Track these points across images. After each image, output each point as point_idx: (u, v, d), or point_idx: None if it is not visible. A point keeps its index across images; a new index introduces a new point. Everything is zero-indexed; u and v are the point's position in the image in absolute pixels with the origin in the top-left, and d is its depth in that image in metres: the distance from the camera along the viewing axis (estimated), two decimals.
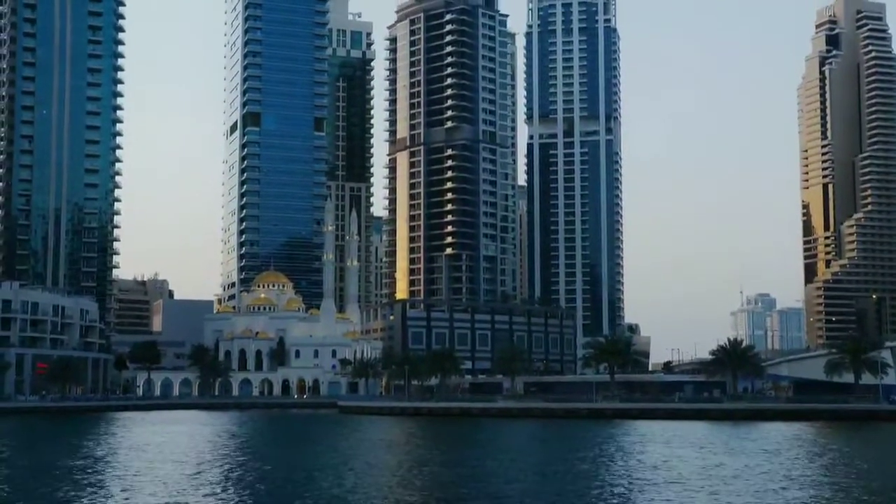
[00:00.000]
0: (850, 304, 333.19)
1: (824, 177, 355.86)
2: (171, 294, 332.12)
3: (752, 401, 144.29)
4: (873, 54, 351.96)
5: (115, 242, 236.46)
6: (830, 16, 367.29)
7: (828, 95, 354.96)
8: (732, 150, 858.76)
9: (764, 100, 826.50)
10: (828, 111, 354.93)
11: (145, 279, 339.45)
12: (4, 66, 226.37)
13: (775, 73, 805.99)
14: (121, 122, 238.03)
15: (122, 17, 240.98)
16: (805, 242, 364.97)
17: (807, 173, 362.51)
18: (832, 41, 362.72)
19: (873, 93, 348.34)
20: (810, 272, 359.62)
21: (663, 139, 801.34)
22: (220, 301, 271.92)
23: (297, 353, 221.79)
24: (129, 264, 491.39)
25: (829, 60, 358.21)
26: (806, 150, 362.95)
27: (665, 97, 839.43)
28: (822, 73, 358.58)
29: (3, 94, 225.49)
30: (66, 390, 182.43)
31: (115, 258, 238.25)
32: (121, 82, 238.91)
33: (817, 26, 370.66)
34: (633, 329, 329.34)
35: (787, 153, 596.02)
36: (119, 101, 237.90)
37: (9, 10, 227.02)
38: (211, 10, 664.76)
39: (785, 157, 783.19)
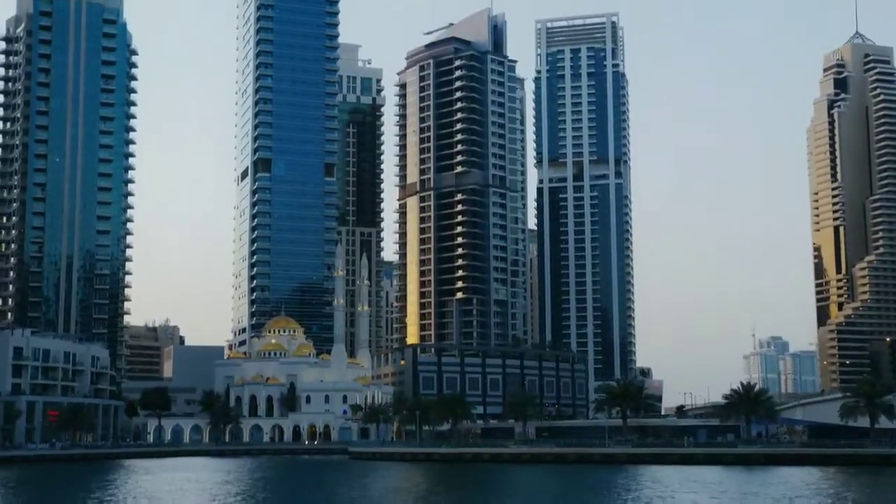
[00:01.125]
0: (864, 347, 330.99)
1: (835, 219, 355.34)
2: (181, 340, 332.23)
3: (766, 445, 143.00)
4: (881, 97, 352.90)
5: (126, 289, 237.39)
6: (838, 60, 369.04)
7: (837, 138, 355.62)
8: (742, 192, 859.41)
9: (773, 142, 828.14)
10: (837, 154, 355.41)
11: (156, 325, 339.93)
12: (18, 116, 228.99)
13: (784, 116, 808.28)
14: (133, 169, 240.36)
15: (134, 65, 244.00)
16: (817, 285, 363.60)
17: (817, 215, 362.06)
18: (840, 84, 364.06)
19: (882, 136, 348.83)
20: (823, 315, 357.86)
21: (673, 180, 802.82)
22: (231, 347, 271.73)
23: (308, 399, 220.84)
24: (141, 310, 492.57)
25: (838, 103, 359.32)
26: (816, 193, 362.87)
27: (675, 139, 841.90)
28: (830, 115, 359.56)
29: (17, 142, 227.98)
30: (77, 438, 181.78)
31: (127, 304, 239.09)
32: (133, 130, 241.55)
33: (825, 70, 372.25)
34: (645, 373, 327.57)
35: (798, 195, 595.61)
36: (131, 148, 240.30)
37: (24, 60, 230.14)
38: (222, 57, 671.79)
39: (795, 199, 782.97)
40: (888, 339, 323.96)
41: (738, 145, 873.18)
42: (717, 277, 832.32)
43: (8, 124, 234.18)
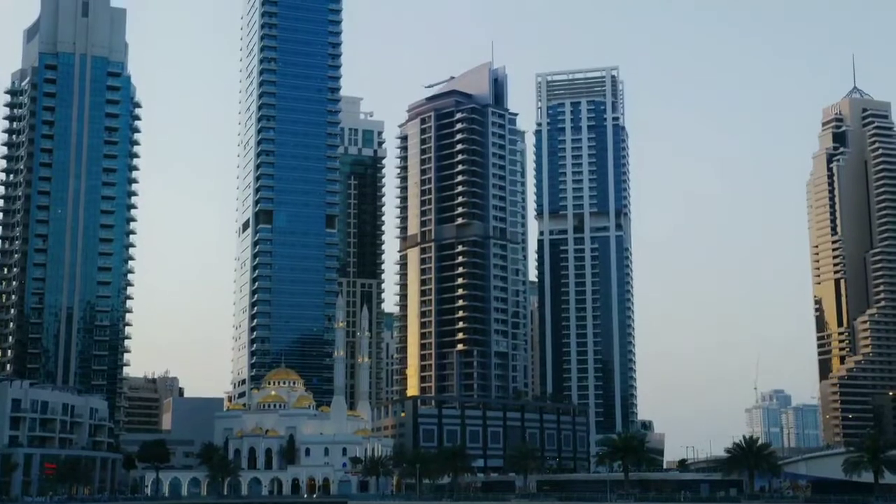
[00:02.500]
0: (867, 400, 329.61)
1: (836, 272, 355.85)
2: (181, 392, 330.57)
3: (769, 500, 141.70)
4: (880, 151, 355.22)
5: (126, 340, 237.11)
6: (837, 113, 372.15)
7: (836, 192, 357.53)
8: (744, 243, 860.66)
9: (774, 194, 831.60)
10: (837, 207, 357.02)
11: (156, 377, 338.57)
12: (22, 168, 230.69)
13: (784, 168, 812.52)
14: (134, 220, 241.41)
15: (138, 118, 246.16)
16: (819, 338, 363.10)
17: (818, 269, 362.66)
18: (839, 138, 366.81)
19: (882, 189, 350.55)
20: (825, 368, 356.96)
21: (675, 231, 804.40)
22: (230, 398, 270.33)
23: (308, 452, 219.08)
24: (140, 362, 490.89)
25: (837, 157, 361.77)
26: (817, 246, 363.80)
27: (676, 190, 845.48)
28: (830, 169, 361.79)
29: (20, 193, 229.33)
30: (74, 491, 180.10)
31: (126, 356, 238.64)
32: (135, 181, 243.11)
33: (824, 124, 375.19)
34: (646, 426, 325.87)
35: (799, 247, 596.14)
36: (133, 199, 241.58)
37: (28, 112, 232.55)
38: (225, 109, 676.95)
39: (796, 251, 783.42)
40: (891, 393, 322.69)
41: (740, 197, 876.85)
42: (718, 329, 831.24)
43: (11, 176, 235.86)
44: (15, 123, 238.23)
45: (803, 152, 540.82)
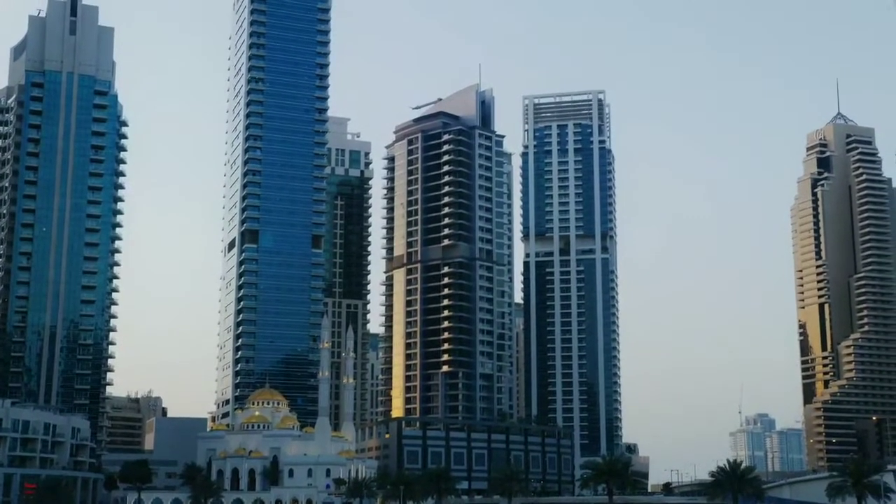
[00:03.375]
0: (850, 425, 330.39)
1: (820, 297, 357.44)
2: (164, 412, 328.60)
3: None
4: (864, 177, 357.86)
5: (109, 359, 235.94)
6: (821, 139, 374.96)
7: (821, 216, 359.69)
8: (729, 266, 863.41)
9: (759, 217, 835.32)
10: (821, 232, 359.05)
11: (139, 396, 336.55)
12: (7, 185, 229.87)
13: (769, 192, 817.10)
14: (119, 239, 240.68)
15: (124, 136, 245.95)
16: (803, 362, 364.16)
17: (802, 293, 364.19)
18: (823, 164, 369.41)
19: (865, 214, 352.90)
20: (809, 392, 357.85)
21: (660, 253, 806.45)
22: (214, 419, 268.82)
23: (291, 473, 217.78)
24: (123, 381, 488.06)
25: (822, 182, 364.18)
26: (801, 270, 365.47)
27: (661, 212, 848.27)
28: (814, 194, 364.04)
29: (4, 211, 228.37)
30: None
31: (110, 375, 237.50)
32: (121, 200, 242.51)
33: (808, 149, 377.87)
34: (631, 449, 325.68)
35: (783, 271, 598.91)
36: (118, 218, 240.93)
37: (14, 130, 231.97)
38: (212, 129, 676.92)
39: (781, 276, 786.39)
40: (875, 418, 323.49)
41: (725, 220, 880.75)
42: (703, 352, 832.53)
43: None
44: (1, 141, 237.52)
45: (788, 177, 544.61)
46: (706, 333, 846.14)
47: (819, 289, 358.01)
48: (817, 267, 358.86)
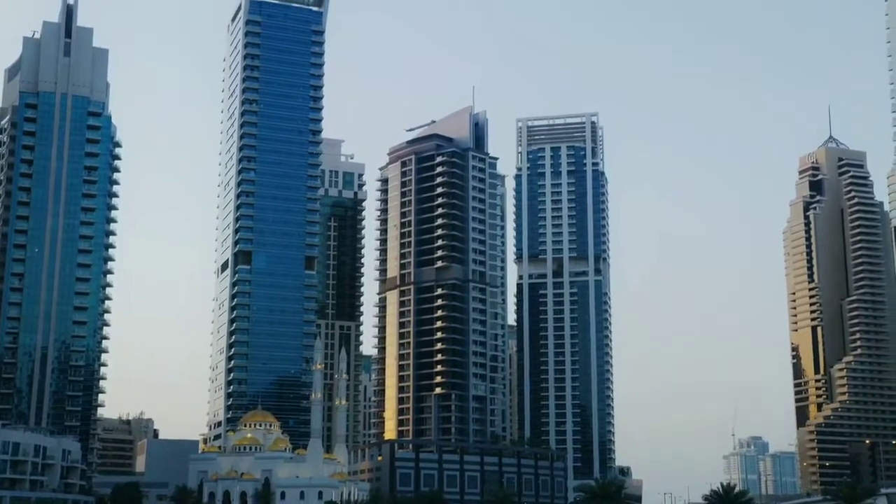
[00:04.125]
0: (844, 448, 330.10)
1: (812, 319, 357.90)
2: (156, 433, 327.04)
3: None
4: (856, 200, 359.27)
5: (101, 381, 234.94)
6: (813, 162, 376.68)
7: (813, 239, 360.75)
8: (722, 290, 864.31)
9: (751, 240, 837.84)
10: (814, 255, 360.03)
11: (130, 418, 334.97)
12: None
13: (761, 214, 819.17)
14: (112, 260, 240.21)
15: (117, 157, 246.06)
16: (796, 385, 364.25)
17: (795, 315, 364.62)
18: (815, 187, 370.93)
19: (857, 237, 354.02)
20: (802, 415, 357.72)
21: (653, 277, 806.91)
22: (205, 441, 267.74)
23: (283, 495, 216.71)
24: (115, 402, 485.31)
25: (814, 205, 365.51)
26: (794, 293, 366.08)
27: (654, 234, 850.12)
28: (807, 217, 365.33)
29: None
30: None
31: (101, 397, 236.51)
32: (114, 221, 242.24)
33: (801, 172, 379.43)
34: (624, 472, 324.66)
35: (776, 294, 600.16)
36: (111, 239, 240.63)
37: (7, 151, 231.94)
38: (206, 150, 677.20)
39: (774, 299, 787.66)
40: (868, 441, 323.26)
41: (718, 242, 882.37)
42: (696, 375, 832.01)
43: None
44: None
45: (781, 199, 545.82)
46: (699, 356, 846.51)
47: (812, 311, 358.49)
48: (810, 290, 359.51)
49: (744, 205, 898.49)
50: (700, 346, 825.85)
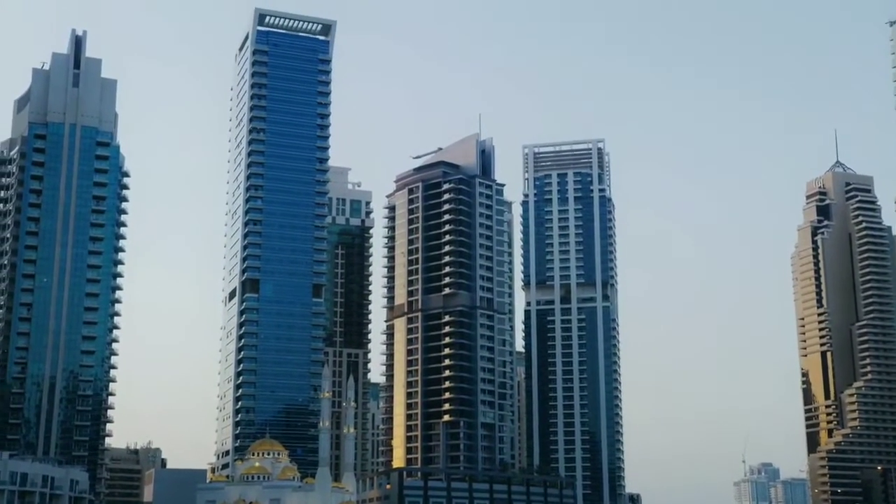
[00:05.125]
0: (856, 474, 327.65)
1: (822, 345, 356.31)
2: (163, 463, 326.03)
3: None
4: (864, 225, 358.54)
5: (109, 410, 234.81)
6: (820, 187, 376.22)
7: (821, 264, 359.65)
8: (730, 315, 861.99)
9: (759, 265, 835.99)
10: (822, 280, 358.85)
11: (138, 447, 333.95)
12: (8, 236, 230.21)
13: (768, 239, 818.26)
14: (120, 289, 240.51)
15: (125, 187, 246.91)
16: (806, 410, 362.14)
17: (804, 341, 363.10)
18: (823, 212, 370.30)
19: (866, 262, 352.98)
20: (813, 441, 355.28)
21: (661, 302, 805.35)
22: (213, 470, 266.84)
23: None
24: (123, 432, 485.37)
25: (822, 230, 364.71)
26: (802, 318, 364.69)
27: (663, 259, 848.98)
28: (814, 242, 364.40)
29: (6, 262, 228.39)
30: None
31: (109, 426, 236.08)
32: (122, 250, 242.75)
33: (808, 197, 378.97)
34: (634, 500, 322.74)
35: (785, 319, 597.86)
36: (119, 268, 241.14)
37: (16, 181, 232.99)
38: (213, 178, 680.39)
39: (782, 324, 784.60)
40: (880, 467, 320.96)
41: (726, 267, 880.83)
42: (706, 401, 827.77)
43: None
44: (3, 192, 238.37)
45: (788, 224, 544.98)
46: (708, 382, 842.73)
47: (821, 337, 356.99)
48: (819, 315, 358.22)
49: (751, 230, 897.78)
50: (709, 371, 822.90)
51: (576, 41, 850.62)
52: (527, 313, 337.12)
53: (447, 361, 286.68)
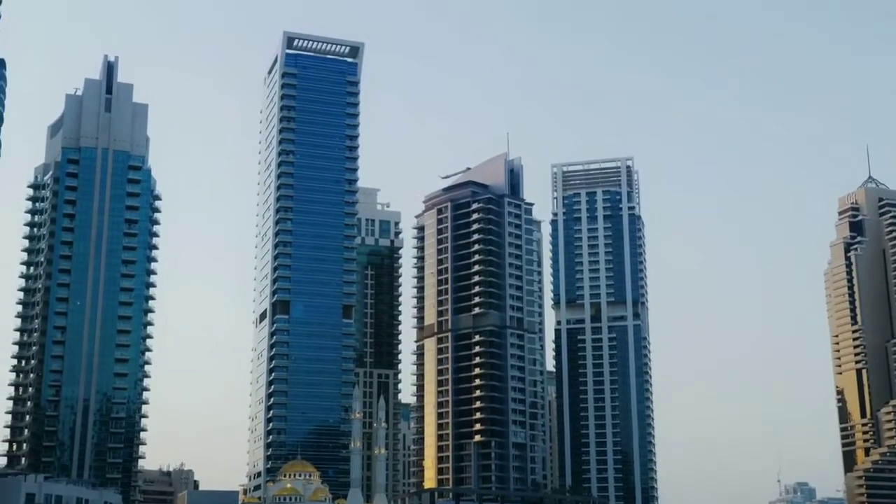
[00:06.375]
0: (894, 493, 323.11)
1: (857, 362, 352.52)
2: (196, 484, 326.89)
3: None
4: None
5: (141, 432, 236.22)
6: (853, 203, 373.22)
7: (855, 281, 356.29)
8: (762, 333, 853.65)
9: (791, 281, 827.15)
10: (856, 296, 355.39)
11: (171, 469, 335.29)
12: (42, 260, 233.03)
13: (800, 255, 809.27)
14: (152, 311, 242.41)
15: (157, 210, 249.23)
16: (842, 429, 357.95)
17: (839, 358, 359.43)
18: (856, 228, 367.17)
19: None
20: (849, 460, 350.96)
21: (692, 320, 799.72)
22: (245, 491, 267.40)
23: None
24: (156, 454, 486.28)
25: (855, 246, 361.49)
26: (837, 336, 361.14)
27: (693, 276, 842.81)
28: (847, 258, 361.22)
29: (40, 286, 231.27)
30: None
31: (142, 448, 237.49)
32: (153, 273, 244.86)
33: (840, 213, 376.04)
34: None
35: (818, 337, 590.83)
36: (151, 291, 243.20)
37: (49, 206, 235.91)
38: (243, 200, 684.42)
39: (816, 341, 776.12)
40: None
41: (756, 285, 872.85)
42: (740, 420, 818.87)
43: (31, 268, 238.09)
44: (37, 217, 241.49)
45: (821, 240, 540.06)
46: (742, 400, 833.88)
47: (856, 354, 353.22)
48: (853, 332, 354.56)
49: (783, 246, 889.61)
50: (743, 389, 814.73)
51: (604, 59, 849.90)
52: (557, 332, 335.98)
53: (478, 381, 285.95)
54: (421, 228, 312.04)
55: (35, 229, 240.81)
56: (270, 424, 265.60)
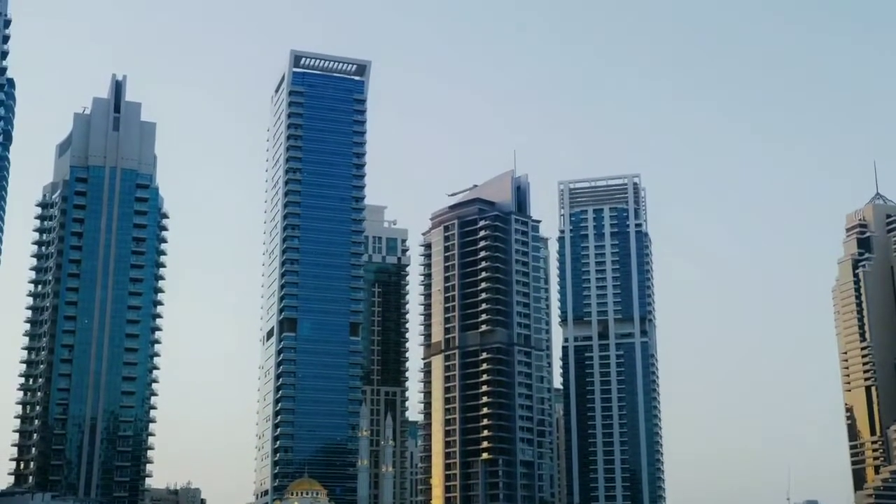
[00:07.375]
0: None
1: (866, 379, 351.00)
2: (203, 503, 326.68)
3: None
4: None
5: (148, 451, 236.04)
6: (860, 220, 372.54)
7: (863, 298, 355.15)
8: (771, 350, 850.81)
9: (799, 298, 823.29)
10: (864, 313, 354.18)
11: (178, 487, 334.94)
12: (50, 279, 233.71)
13: (808, 272, 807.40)
14: (160, 329, 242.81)
15: (164, 228, 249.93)
16: (852, 446, 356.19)
17: (848, 375, 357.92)
18: (864, 244, 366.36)
19: None
20: (859, 478, 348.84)
21: (700, 335, 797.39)
22: None
23: None
24: (163, 472, 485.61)
25: (863, 263, 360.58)
26: (845, 352, 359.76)
27: (700, 294, 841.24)
28: (856, 275, 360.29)
29: (48, 304, 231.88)
30: None
31: (149, 467, 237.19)
32: (161, 291, 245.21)
33: (848, 230, 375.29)
34: None
35: (827, 354, 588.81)
36: (158, 309, 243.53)
37: (57, 224, 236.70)
38: (250, 219, 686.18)
39: (824, 358, 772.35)
40: None
41: (764, 302, 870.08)
42: (748, 437, 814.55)
43: (39, 287, 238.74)
44: (45, 235, 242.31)
45: (828, 257, 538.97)
46: (751, 417, 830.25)
47: (865, 371, 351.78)
48: (862, 349, 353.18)
49: (790, 263, 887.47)
50: (751, 407, 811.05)
51: (611, 77, 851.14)
52: (564, 350, 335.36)
53: (485, 399, 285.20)
54: (428, 246, 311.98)
55: (43, 248, 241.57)
56: (277, 442, 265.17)
